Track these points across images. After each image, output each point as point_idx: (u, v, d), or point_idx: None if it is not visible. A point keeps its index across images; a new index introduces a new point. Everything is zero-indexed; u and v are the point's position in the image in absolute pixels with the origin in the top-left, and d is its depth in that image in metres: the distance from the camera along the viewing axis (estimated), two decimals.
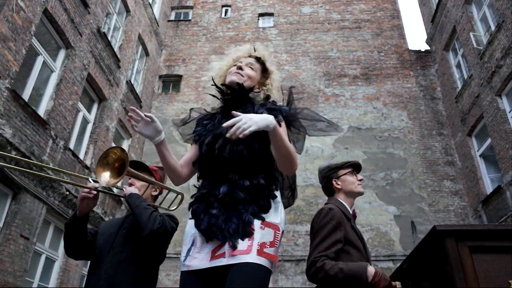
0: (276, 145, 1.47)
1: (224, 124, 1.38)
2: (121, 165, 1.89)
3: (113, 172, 1.89)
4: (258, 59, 1.81)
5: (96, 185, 1.95)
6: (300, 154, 1.70)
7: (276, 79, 1.83)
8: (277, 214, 1.56)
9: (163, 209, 2.25)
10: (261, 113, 1.59)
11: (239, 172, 1.58)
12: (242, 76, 1.72)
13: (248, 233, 1.48)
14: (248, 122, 1.36)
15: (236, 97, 1.72)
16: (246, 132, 1.34)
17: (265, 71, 1.82)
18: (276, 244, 1.50)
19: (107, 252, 2.02)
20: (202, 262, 1.50)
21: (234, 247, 1.45)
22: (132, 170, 2.00)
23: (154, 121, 1.57)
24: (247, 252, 1.44)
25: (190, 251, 1.55)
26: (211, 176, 1.63)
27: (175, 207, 2.33)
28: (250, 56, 1.83)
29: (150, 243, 1.98)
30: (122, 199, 2.12)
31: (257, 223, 1.50)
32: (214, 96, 1.79)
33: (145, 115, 1.56)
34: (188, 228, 1.62)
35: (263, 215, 1.53)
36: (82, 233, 2.04)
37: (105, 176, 1.87)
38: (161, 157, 1.63)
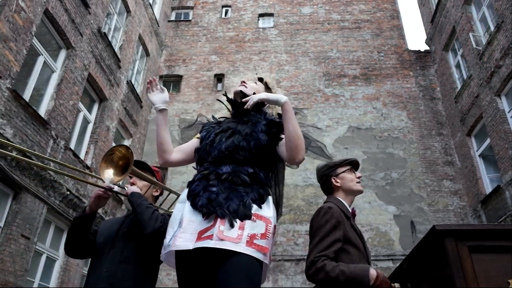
0: (288, 120, 1.57)
1: (243, 100, 1.63)
2: (125, 163, 1.93)
3: (117, 170, 1.93)
4: (260, 80, 1.93)
5: (112, 185, 2.01)
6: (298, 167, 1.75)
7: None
8: (269, 209, 1.57)
9: (163, 210, 2.28)
10: (262, 124, 1.72)
11: (242, 160, 1.62)
12: (246, 87, 1.85)
13: (247, 216, 1.47)
14: (260, 95, 1.62)
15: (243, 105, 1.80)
16: (255, 99, 1.59)
17: (269, 90, 1.92)
18: (268, 237, 1.47)
19: (108, 250, 2.03)
20: (186, 243, 1.45)
21: (232, 225, 1.43)
22: (136, 169, 2.02)
23: (165, 92, 1.82)
24: (237, 241, 1.41)
25: (176, 232, 1.51)
26: (213, 159, 1.65)
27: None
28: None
29: (151, 242, 1.99)
30: (123, 198, 2.15)
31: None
32: (227, 106, 1.90)
33: (161, 87, 1.83)
34: (176, 211, 1.60)
35: (259, 206, 1.54)
36: (87, 230, 2.07)
37: (109, 173, 1.91)
38: (158, 125, 1.77)
